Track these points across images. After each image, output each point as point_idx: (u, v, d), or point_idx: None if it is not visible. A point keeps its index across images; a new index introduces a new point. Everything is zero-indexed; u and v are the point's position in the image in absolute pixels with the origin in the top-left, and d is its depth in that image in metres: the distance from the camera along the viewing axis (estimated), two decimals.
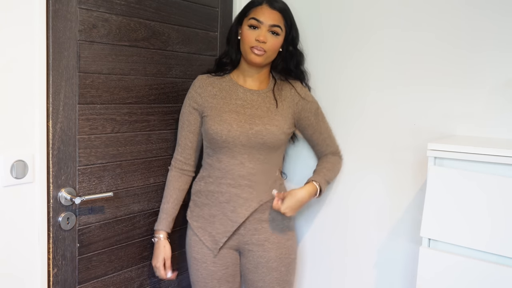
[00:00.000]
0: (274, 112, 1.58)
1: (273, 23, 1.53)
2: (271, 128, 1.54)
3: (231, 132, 1.52)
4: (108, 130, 1.51)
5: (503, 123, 1.43)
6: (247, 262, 1.62)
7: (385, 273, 1.70)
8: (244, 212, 1.55)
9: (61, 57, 1.36)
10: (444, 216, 1.29)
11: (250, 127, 1.53)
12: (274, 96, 1.61)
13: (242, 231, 1.58)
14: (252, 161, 1.55)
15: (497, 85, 1.43)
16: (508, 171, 1.21)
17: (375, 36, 1.67)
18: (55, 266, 1.41)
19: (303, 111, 1.63)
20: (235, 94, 1.59)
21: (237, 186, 1.55)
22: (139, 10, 1.55)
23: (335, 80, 1.76)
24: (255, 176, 1.55)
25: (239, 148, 1.53)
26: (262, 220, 1.59)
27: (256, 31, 1.53)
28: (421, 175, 1.58)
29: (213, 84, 1.62)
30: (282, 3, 1.58)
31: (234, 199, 1.55)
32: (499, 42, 1.42)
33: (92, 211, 1.50)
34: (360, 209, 1.75)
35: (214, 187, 1.57)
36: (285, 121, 1.58)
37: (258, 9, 1.54)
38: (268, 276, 1.60)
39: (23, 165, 1.29)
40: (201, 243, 1.60)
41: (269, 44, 1.53)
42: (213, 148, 1.57)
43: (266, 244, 1.59)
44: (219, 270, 1.59)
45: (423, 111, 1.58)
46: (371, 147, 1.71)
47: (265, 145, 1.54)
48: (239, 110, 1.56)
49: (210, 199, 1.59)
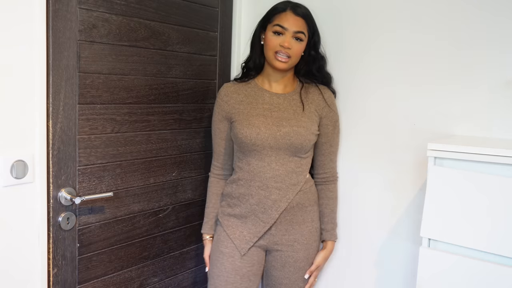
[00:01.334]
0: (300, 114, 1.61)
1: (297, 29, 1.56)
2: (299, 130, 1.57)
3: (259, 135, 1.56)
4: (108, 130, 1.51)
5: (503, 123, 1.43)
6: (274, 260, 1.66)
7: (385, 273, 1.70)
8: (274, 214, 1.59)
9: (61, 57, 1.36)
10: (444, 216, 1.29)
11: (278, 129, 1.56)
12: (300, 98, 1.64)
13: (274, 231, 1.62)
14: (279, 163, 1.58)
15: (497, 85, 1.43)
16: (508, 171, 1.21)
17: (374, 37, 1.68)
18: (55, 266, 1.41)
19: (325, 118, 1.65)
20: (261, 99, 1.64)
21: (265, 188, 1.58)
22: (139, 10, 1.55)
23: (335, 80, 1.76)
24: (283, 178, 1.58)
25: (267, 150, 1.57)
26: (293, 222, 1.62)
27: (280, 37, 1.56)
28: (421, 175, 1.58)
29: (238, 91, 1.67)
30: (305, 9, 1.60)
31: (264, 201, 1.59)
32: (499, 42, 1.42)
33: (92, 211, 1.50)
34: (360, 209, 1.75)
35: (244, 189, 1.61)
36: (312, 123, 1.61)
37: (283, 16, 1.57)
38: (295, 275, 1.64)
39: (23, 165, 1.29)
40: (231, 241, 1.63)
41: (293, 50, 1.56)
42: (243, 151, 1.61)
43: (296, 244, 1.63)
44: (245, 267, 1.62)
45: (423, 111, 1.58)
46: (371, 147, 1.71)
47: (292, 146, 1.56)
48: (267, 114, 1.60)
49: (241, 201, 1.62)
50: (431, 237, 1.32)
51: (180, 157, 1.76)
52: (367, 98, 1.71)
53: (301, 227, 1.63)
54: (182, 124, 1.75)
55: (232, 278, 1.61)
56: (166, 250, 1.76)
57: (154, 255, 1.72)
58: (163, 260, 1.76)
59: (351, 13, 1.73)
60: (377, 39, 1.67)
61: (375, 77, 1.68)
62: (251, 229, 1.61)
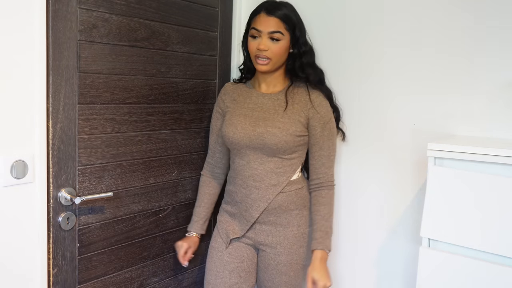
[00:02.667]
0: (280, 115, 1.58)
1: (272, 29, 1.54)
2: (273, 130, 1.55)
3: (235, 134, 1.58)
4: (108, 130, 1.51)
5: (503, 123, 1.43)
6: (259, 261, 1.67)
7: (385, 273, 1.70)
8: (254, 213, 1.60)
9: (61, 57, 1.36)
10: (444, 216, 1.29)
11: (253, 129, 1.57)
12: (285, 98, 1.61)
13: (258, 230, 1.63)
14: (257, 162, 1.58)
15: (497, 85, 1.43)
16: (508, 171, 1.21)
17: (374, 37, 1.68)
18: (55, 266, 1.41)
19: (312, 119, 1.59)
20: (249, 98, 1.66)
21: (245, 186, 1.60)
22: (139, 10, 1.55)
23: (335, 80, 1.76)
24: (261, 177, 1.58)
25: (245, 149, 1.59)
26: (277, 224, 1.62)
27: (257, 40, 1.56)
28: (421, 175, 1.58)
29: (235, 90, 1.70)
30: (282, 7, 1.56)
31: (245, 199, 1.61)
32: (499, 42, 1.42)
33: (92, 211, 1.50)
34: (360, 209, 1.75)
35: (231, 187, 1.66)
36: (292, 123, 1.56)
37: (257, 18, 1.57)
38: (277, 278, 1.63)
39: (23, 165, 1.29)
40: (219, 235, 1.68)
41: (271, 51, 1.55)
42: (231, 150, 1.66)
43: (278, 247, 1.61)
44: (233, 262, 1.63)
45: (423, 111, 1.58)
46: (371, 146, 1.71)
47: (266, 146, 1.55)
48: (248, 113, 1.61)
49: (231, 198, 1.68)
50: (431, 237, 1.32)
51: (180, 157, 1.76)
52: (367, 98, 1.71)
53: (285, 230, 1.61)
54: (182, 124, 1.75)
55: (221, 273, 1.63)
56: (166, 250, 1.76)
57: (154, 255, 1.72)
58: (163, 260, 1.76)
59: (350, 12, 1.73)
60: (376, 39, 1.67)
61: (375, 77, 1.68)
62: (237, 225, 1.65)
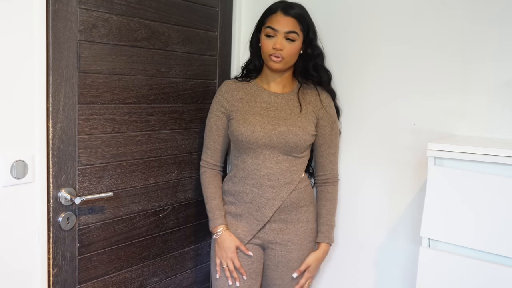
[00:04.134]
0: (297, 114, 1.61)
1: (288, 29, 1.55)
2: (294, 129, 1.57)
3: (254, 133, 1.57)
4: (108, 130, 1.51)
5: (503, 123, 1.43)
6: (268, 260, 1.66)
7: (385, 273, 1.70)
8: (267, 212, 1.59)
9: (61, 57, 1.36)
10: (444, 216, 1.29)
11: (273, 128, 1.57)
12: (298, 99, 1.64)
13: (268, 230, 1.62)
14: (273, 161, 1.58)
15: (497, 85, 1.43)
16: (508, 171, 1.21)
17: (374, 36, 1.68)
18: (55, 266, 1.41)
19: (322, 119, 1.65)
20: (260, 98, 1.65)
21: (259, 186, 1.59)
22: (139, 10, 1.55)
23: (335, 80, 1.76)
24: (277, 176, 1.58)
25: (262, 148, 1.58)
26: (288, 221, 1.62)
27: (272, 39, 1.56)
28: (421, 175, 1.58)
29: (239, 88, 1.68)
30: (298, 8, 1.59)
31: (257, 199, 1.59)
32: (498, 42, 1.42)
33: (92, 211, 1.50)
34: (360, 209, 1.75)
35: (239, 187, 1.62)
36: (308, 123, 1.61)
37: (273, 17, 1.57)
38: (288, 275, 1.64)
39: (23, 165, 1.29)
40: None
41: (286, 50, 1.56)
42: (239, 149, 1.63)
43: (289, 244, 1.63)
44: (245, 265, 1.62)
45: (423, 111, 1.58)
46: (371, 147, 1.71)
47: (287, 145, 1.57)
48: (263, 113, 1.61)
49: (236, 199, 1.64)
50: (431, 237, 1.32)
51: (180, 157, 1.76)
52: (367, 97, 1.71)
53: (295, 227, 1.63)
54: (182, 124, 1.75)
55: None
56: (166, 250, 1.76)
57: (154, 255, 1.72)
58: (163, 260, 1.76)
59: (349, 11, 1.73)
60: (377, 39, 1.67)
61: (375, 77, 1.68)
62: (245, 227, 1.62)
